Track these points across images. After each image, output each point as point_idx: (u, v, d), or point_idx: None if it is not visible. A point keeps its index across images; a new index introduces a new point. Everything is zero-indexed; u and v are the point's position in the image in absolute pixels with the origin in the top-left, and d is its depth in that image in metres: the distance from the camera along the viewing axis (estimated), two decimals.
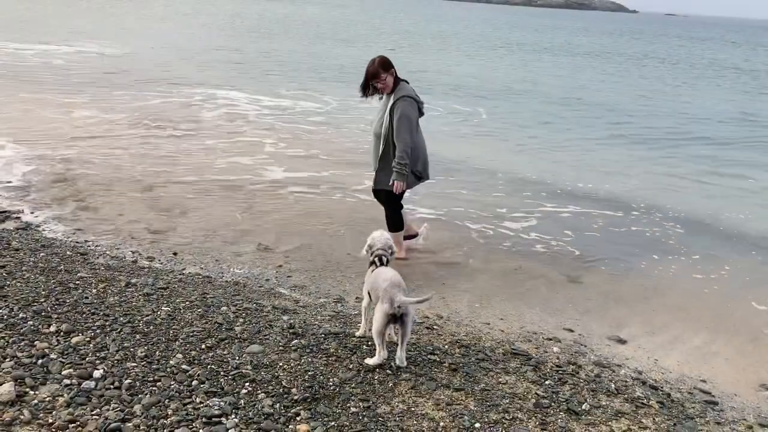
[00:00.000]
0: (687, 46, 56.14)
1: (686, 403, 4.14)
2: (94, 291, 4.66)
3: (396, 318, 3.93)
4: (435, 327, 4.79)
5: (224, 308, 4.62)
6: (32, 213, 6.32)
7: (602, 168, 10.94)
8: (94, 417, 3.23)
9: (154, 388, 3.52)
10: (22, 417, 3.16)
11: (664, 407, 3.99)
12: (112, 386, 3.50)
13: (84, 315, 4.27)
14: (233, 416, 3.34)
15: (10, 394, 3.29)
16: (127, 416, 3.26)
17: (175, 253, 5.73)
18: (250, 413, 3.37)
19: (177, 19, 43.35)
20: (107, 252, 5.54)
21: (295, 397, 3.55)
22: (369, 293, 4.21)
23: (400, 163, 5.82)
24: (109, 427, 3.16)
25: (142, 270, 5.21)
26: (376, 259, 4.32)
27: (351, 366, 3.97)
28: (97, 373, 3.59)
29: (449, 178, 9.36)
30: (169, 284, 4.94)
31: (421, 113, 6.04)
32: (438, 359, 4.21)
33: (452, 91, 18.99)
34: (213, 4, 64.91)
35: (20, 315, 4.18)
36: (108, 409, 3.30)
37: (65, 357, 3.74)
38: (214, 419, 3.29)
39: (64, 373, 3.57)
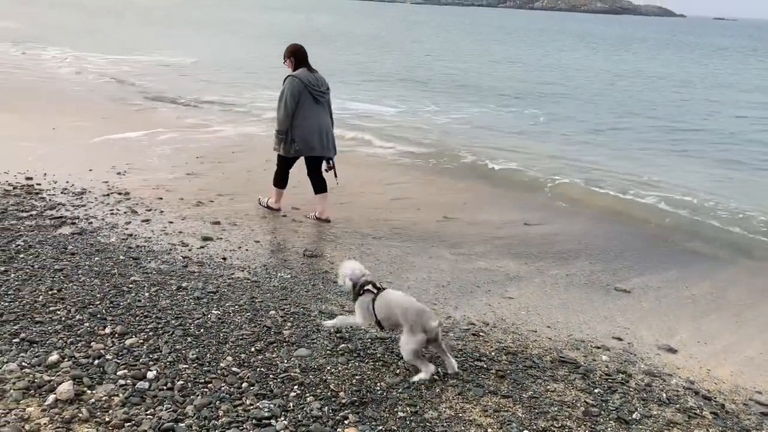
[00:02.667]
0: None
1: (741, 414, 4.03)
2: (146, 294, 4.78)
3: (430, 340, 3.95)
4: (481, 334, 4.76)
5: (272, 312, 4.69)
6: (87, 219, 6.51)
7: (649, 177, 10.76)
8: (148, 417, 3.31)
9: (205, 390, 3.59)
10: (80, 415, 3.26)
11: (718, 418, 3.90)
12: (165, 387, 3.58)
13: (137, 317, 4.38)
14: (282, 419, 3.38)
15: (69, 392, 3.40)
16: (179, 416, 3.33)
17: (224, 258, 5.83)
18: (299, 416, 3.41)
19: (219, 28, 44.26)
20: (159, 257, 5.68)
21: (343, 401, 3.58)
22: (380, 321, 4.11)
23: (276, 130, 7.13)
24: (163, 426, 3.23)
25: (193, 274, 5.32)
26: (371, 286, 4.19)
27: (398, 371, 3.98)
28: (150, 374, 3.68)
29: (494, 187, 9.32)
30: (219, 288, 5.04)
31: (314, 97, 7.02)
32: (485, 366, 4.19)
33: None
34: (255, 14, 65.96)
35: (77, 317, 4.31)
36: (161, 410, 3.38)
37: (120, 358, 3.84)
38: (263, 421, 3.34)
39: (119, 373, 3.67)
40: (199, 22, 50.02)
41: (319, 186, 7.39)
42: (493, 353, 4.43)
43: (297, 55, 7.12)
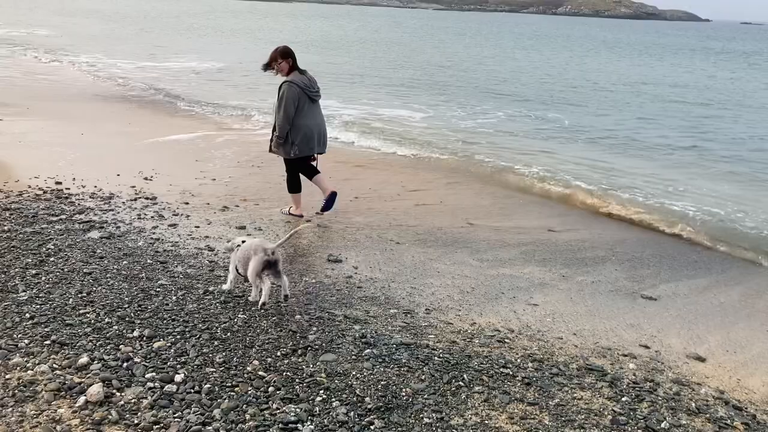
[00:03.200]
0: None
1: None
2: (173, 298, 4.83)
3: (270, 264, 4.73)
4: (507, 340, 4.74)
5: (298, 317, 4.71)
6: (115, 223, 6.59)
7: (674, 183, 10.64)
8: (176, 419, 3.35)
9: (232, 393, 3.62)
10: (110, 417, 3.31)
11: (749, 429, 3.84)
12: (192, 390, 3.62)
13: (165, 321, 4.43)
14: (309, 423, 3.40)
15: (99, 394, 3.45)
16: (207, 420, 3.37)
17: None
18: (325, 420, 3.43)
19: (246, 35, 44.65)
20: (185, 261, 5.73)
21: (369, 406, 3.59)
22: (237, 268, 4.94)
23: (276, 135, 7.25)
24: (191, 429, 3.27)
25: (219, 278, 5.36)
26: (240, 241, 5.05)
27: (423, 377, 3.98)
28: (178, 377, 3.72)
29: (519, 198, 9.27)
30: (245, 292, 5.07)
31: (311, 98, 7.23)
32: (511, 372, 4.17)
33: None
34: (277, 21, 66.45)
35: (106, 320, 4.38)
36: (189, 413, 3.41)
37: (148, 361, 3.89)
38: (290, 425, 3.36)
39: (147, 376, 3.72)
40: (226, 30, 50.52)
41: (312, 172, 7.58)
42: (518, 360, 4.40)
43: (292, 56, 7.26)
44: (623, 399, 3.98)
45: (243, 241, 5.03)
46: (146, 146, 10.86)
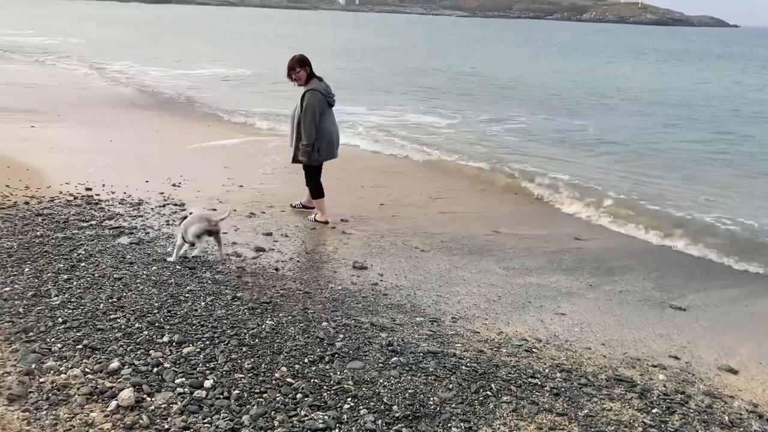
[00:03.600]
0: None
1: None
2: (202, 304, 4.88)
3: (211, 233, 5.91)
4: (534, 350, 4.71)
5: (324, 324, 4.73)
6: (144, 229, 6.68)
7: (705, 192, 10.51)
8: (205, 425, 3.38)
9: (260, 400, 3.64)
10: (141, 422, 3.35)
11: None
12: (221, 396, 3.65)
13: (194, 326, 4.47)
14: (336, 430, 3.41)
15: (130, 399, 3.49)
16: (236, 426, 3.39)
17: (276, 269, 5.91)
18: (353, 428, 3.43)
19: (270, 42, 45.06)
20: (213, 267, 5.78)
21: (397, 415, 3.58)
22: (183, 235, 5.86)
23: (304, 144, 7.33)
24: None
25: (247, 285, 5.40)
26: (189, 213, 6.23)
27: (451, 386, 3.97)
28: (207, 383, 3.76)
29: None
30: (272, 299, 5.10)
31: (330, 104, 7.39)
32: (539, 383, 4.14)
33: None
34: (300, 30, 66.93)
35: (136, 325, 4.43)
36: (218, 419, 3.44)
37: (178, 366, 3.92)
38: None
39: (177, 381, 3.75)
40: (250, 37, 51.01)
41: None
42: (546, 370, 4.37)
43: (309, 64, 7.38)
44: (654, 411, 3.93)
45: (191, 213, 6.12)
46: (178, 152, 10.99)
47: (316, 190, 7.66)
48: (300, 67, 7.31)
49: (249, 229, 7.12)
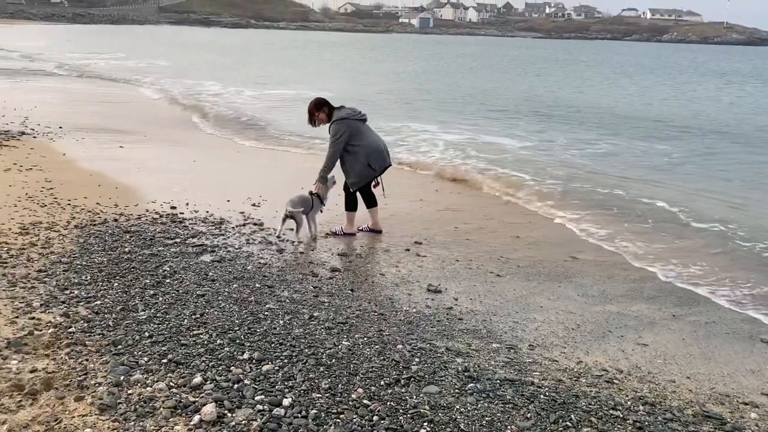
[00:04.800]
0: None
1: None
2: (281, 322, 4.98)
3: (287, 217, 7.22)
4: (615, 381, 4.56)
5: (400, 346, 4.73)
6: (225, 247, 6.88)
7: None
8: None
9: (338, 420, 3.67)
10: None
11: None
12: (299, 415, 3.70)
13: (273, 344, 4.56)
14: None
15: (212, 414, 3.59)
16: None
17: (352, 290, 5.97)
18: None
19: (346, 66, 45.85)
20: (291, 286, 5.90)
21: None
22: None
23: (322, 169, 7.69)
24: None
25: (323, 304, 5.48)
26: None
27: (529, 415, 3.89)
28: (286, 401, 3.82)
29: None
30: (348, 319, 5.16)
31: (363, 120, 7.67)
32: (621, 415, 4.01)
33: None
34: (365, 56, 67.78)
35: (218, 341, 4.56)
36: None
37: (257, 383, 4.01)
38: None
39: (257, 398, 3.83)
40: (326, 61, 52.11)
41: (371, 201, 7.94)
42: (629, 403, 4.22)
43: (325, 104, 7.64)
44: None
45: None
46: (257, 173, 11.30)
47: (349, 202, 7.86)
48: (317, 111, 7.61)
49: (325, 249, 7.23)
